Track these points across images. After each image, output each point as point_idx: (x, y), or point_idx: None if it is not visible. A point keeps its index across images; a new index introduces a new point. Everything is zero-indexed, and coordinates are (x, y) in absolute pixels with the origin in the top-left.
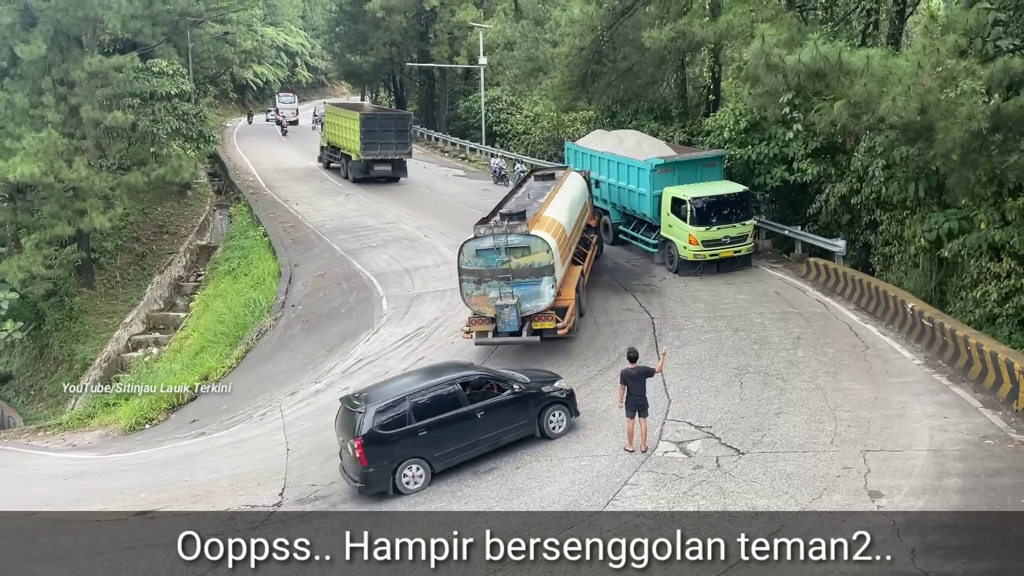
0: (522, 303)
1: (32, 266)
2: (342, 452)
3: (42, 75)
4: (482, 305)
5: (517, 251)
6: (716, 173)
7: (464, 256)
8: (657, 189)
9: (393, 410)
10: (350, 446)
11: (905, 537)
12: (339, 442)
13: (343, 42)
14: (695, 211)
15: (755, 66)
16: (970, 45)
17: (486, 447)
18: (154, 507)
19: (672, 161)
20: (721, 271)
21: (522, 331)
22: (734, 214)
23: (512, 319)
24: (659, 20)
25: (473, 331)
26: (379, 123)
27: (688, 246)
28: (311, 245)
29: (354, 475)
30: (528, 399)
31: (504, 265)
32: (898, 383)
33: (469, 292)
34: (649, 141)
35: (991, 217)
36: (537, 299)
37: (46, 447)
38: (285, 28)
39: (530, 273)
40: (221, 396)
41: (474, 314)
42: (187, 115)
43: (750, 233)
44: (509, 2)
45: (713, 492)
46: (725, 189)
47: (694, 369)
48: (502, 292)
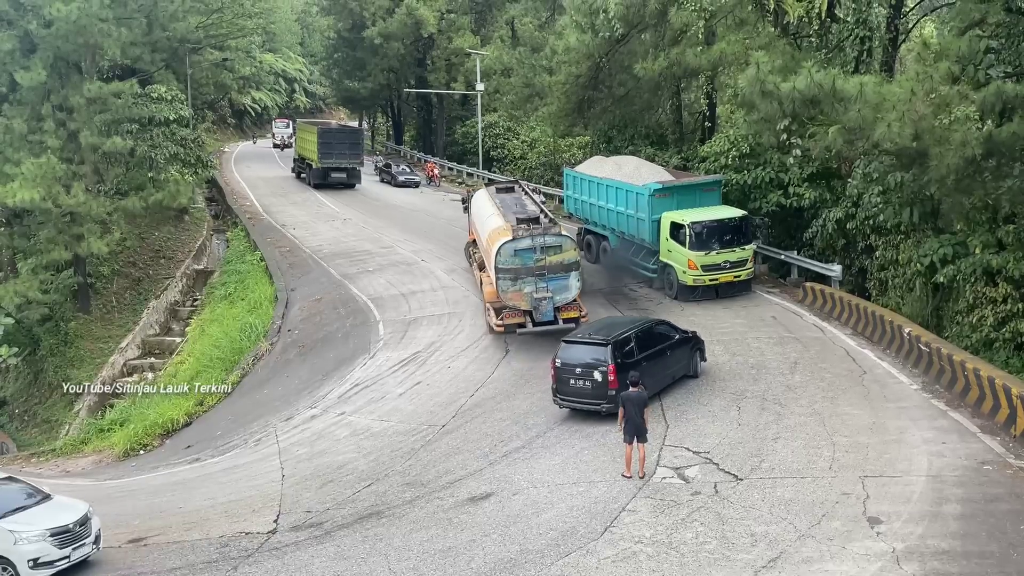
0: (555, 296)
1: (28, 291)
2: (572, 381)
3: (41, 101)
4: (517, 300)
5: (551, 250)
6: (715, 198)
7: (502, 256)
8: (656, 214)
9: (626, 345)
10: (598, 373)
11: (905, 564)
12: (557, 374)
13: (341, 68)
14: (694, 236)
15: (750, 93)
16: (963, 72)
17: (668, 380)
18: (147, 534)
19: (670, 186)
20: (720, 296)
21: (557, 320)
22: (733, 239)
23: (549, 310)
24: (654, 48)
25: (506, 324)
26: (334, 136)
27: (687, 271)
28: (308, 270)
29: (599, 399)
30: (688, 342)
31: (539, 263)
32: (896, 408)
33: (505, 289)
34: (648, 167)
35: (986, 242)
36: (566, 291)
37: (39, 473)
38: (283, 54)
39: (561, 269)
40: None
41: (506, 310)
42: (185, 140)
43: (750, 258)
44: (506, 30)
45: (711, 518)
46: (724, 214)
47: (691, 394)
48: (538, 287)
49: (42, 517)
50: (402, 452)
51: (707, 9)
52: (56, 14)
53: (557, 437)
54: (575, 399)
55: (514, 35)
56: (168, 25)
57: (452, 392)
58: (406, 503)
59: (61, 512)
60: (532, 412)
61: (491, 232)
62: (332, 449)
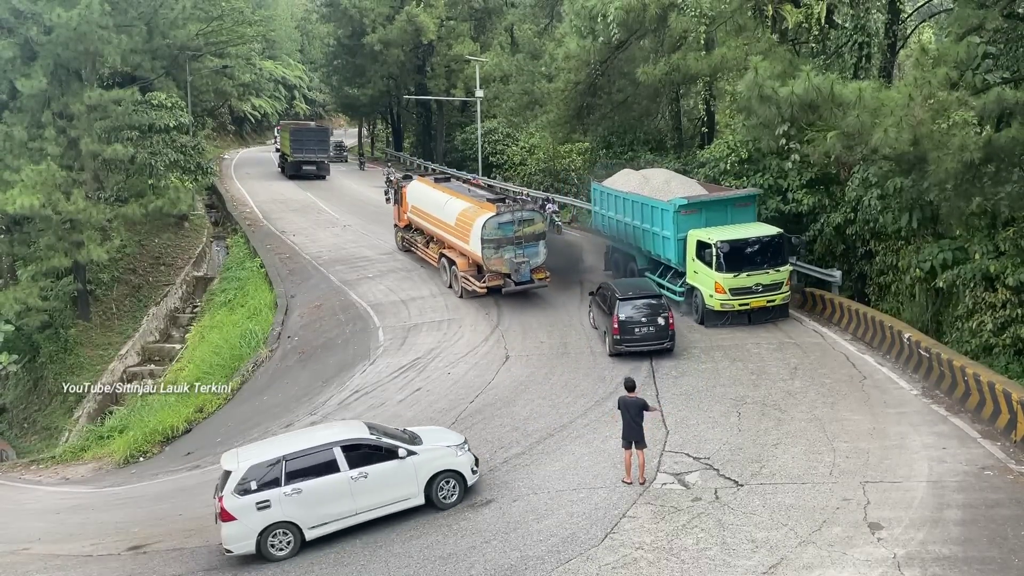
0: (530, 260)
1: (28, 298)
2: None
3: (42, 108)
4: (499, 265)
5: (526, 223)
6: (749, 214)
7: (487, 229)
8: (682, 232)
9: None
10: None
11: (906, 570)
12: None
13: (341, 75)
14: (722, 256)
15: (749, 98)
16: (961, 78)
17: None
18: (147, 542)
19: (698, 201)
20: (753, 323)
21: (533, 280)
22: (767, 259)
23: (526, 272)
24: (653, 54)
25: (488, 286)
26: (304, 134)
27: (714, 295)
28: (308, 276)
29: (663, 339)
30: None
31: (517, 233)
32: (896, 414)
33: (489, 256)
34: (678, 180)
35: (985, 248)
36: (537, 257)
37: (39, 481)
38: (283, 61)
39: (533, 238)
40: (215, 427)
41: (487, 275)
42: (185, 147)
43: (785, 280)
44: (505, 36)
45: (712, 524)
46: (756, 232)
47: (692, 400)
48: (516, 254)
49: (445, 438)
50: None
51: (707, 15)
52: (56, 21)
53: (557, 443)
54: (642, 343)
55: (513, 41)
56: (168, 32)
57: (452, 398)
58: (406, 509)
59: (448, 434)
60: (532, 418)
61: (463, 212)
62: None
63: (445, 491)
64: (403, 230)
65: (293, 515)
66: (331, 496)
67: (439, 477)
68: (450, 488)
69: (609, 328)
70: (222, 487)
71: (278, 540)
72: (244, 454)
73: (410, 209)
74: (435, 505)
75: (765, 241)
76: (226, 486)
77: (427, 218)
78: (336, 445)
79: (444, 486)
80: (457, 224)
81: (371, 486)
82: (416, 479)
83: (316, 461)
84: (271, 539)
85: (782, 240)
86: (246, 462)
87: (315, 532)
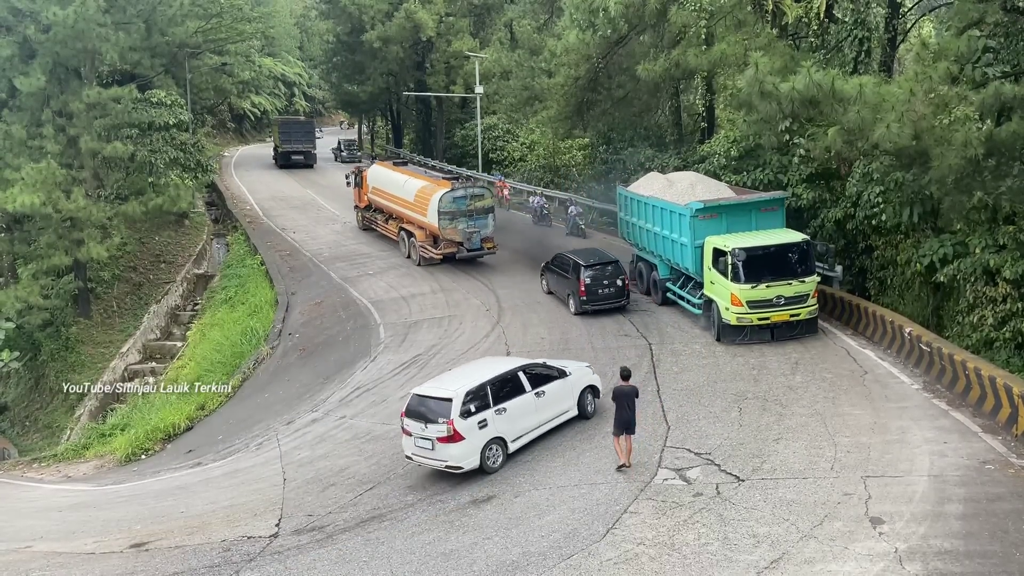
0: (480, 231)
1: (29, 296)
2: (599, 290)
3: (41, 107)
4: (453, 234)
5: (476, 198)
6: (776, 219)
7: (443, 203)
8: (699, 238)
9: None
10: (619, 281)
11: (908, 564)
12: (587, 289)
13: (340, 72)
14: (738, 264)
15: (749, 94)
16: (961, 72)
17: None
18: (149, 539)
19: (716, 205)
20: (777, 339)
21: (483, 248)
22: (790, 269)
23: (477, 241)
24: (653, 49)
25: (443, 253)
26: (291, 127)
27: (730, 307)
28: (308, 273)
29: (620, 297)
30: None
31: (469, 207)
32: (897, 408)
33: (444, 226)
34: (704, 184)
35: (985, 242)
36: (487, 228)
37: (41, 479)
38: (283, 59)
39: (483, 211)
40: (216, 425)
41: (441, 243)
42: (185, 145)
43: (812, 292)
44: (504, 32)
45: (713, 520)
46: (778, 239)
47: (692, 395)
48: (468, 224)
49: (578, 363)
50: (403, 455)
51: (707, 9)
52: (53, 19)
53: (558, 439)
54: (604, 302)
55: (512, 38)
56: (167, 30)
57: None
58: (408, 506)
59: (578, 362)
60: None
61: (421, 189)
62: (333, 453)
63: (588, 401)
64: (363, 210)
65: (502, 431)
66: (523, 413)
67: (585, 391)
68: (590, 400)
69: (575, 291)
70: (434, 417)
71: (492, 453)
72: (449, 384)
73: (371, 190)
74: (583, 415)
75: (788, 248)
76: (452, 411)
77: (387, 197)
78: (520, 370)
79: (588, 399)
80: (416, 200)
81: (547, 402)
82: (572, 394)
83: (510, 384)
84: (487, 453)
85: (808, 248)
86: (461, 389)
87: (514, 445)
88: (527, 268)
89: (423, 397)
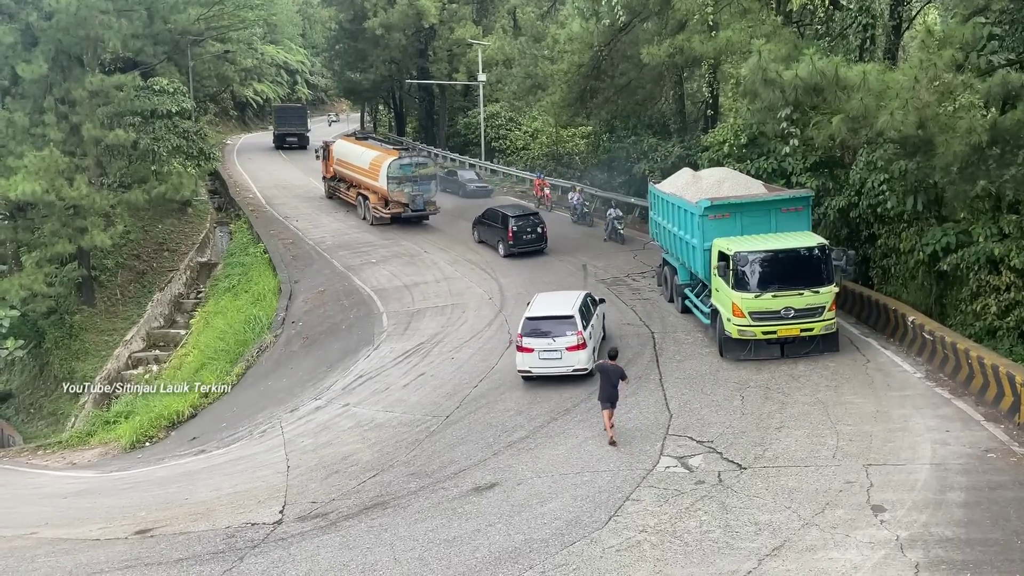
0: (424, 195)
1: (33, 284)
2: (524, 236)
3: (43, 94)
4: (400, 197)
5: (420, 165)
6: (801, 220)
7: (391, 169)
8: (708, 240)
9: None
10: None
11: (909, 552)
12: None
13: (343, 60)
14: (740, 270)
15: (753, 81)
16: (966, 59)
17: None
18: (154, 526)
19: (726, 203)
20: (788, 356)
21: (427, 210)
22: (801, 277)
23: (420, 204)
24: (657, 36)
25: (392, 213)
26: (286, 112)
27: (732, 318)
28: (311, 261)
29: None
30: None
31: (414, 173)
32: (899, 396)
33: (392, 189)
34: (734, 180)
35: (989, 231)
36: (429, 193)
37: (46, 465)
38: (285, 46)
39: (427, 178)
40: (220, 412)
41: (389, 205)
42: (187, 133)
43: (829, 304)
44: (507, 20)
45: (715, 507)
46: (790, 243)
47: (695, 383)
48: (413, 189)
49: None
50: (406, 443)
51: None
52: (56, 6)
53: (561, 427)
54: (528, 246)
55: (516, 25)
56: (169, 17)
57: (456, 383)
58: (411, 493)
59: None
60: (536, 402)
61: (375, 158)
62: (337, 440)
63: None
64: (329, 180)
65: (595, 339)
66: (595, 327)
67: (603, 317)
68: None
69: (504, 238)
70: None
71: (594, 357)
72: (554, 308)
73: (336, 162)
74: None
75: (800, 254)
76: (576, 325)
77: (348, 167)
78: (588, 296)
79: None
80: (370, 167)
81: (599, 321)
82: (601, 319)
83: (586, 306)
84: (593, 356)
85: (824, 253)
86: (573, 308)
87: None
88: (532, 262)
89: (539, 319)
